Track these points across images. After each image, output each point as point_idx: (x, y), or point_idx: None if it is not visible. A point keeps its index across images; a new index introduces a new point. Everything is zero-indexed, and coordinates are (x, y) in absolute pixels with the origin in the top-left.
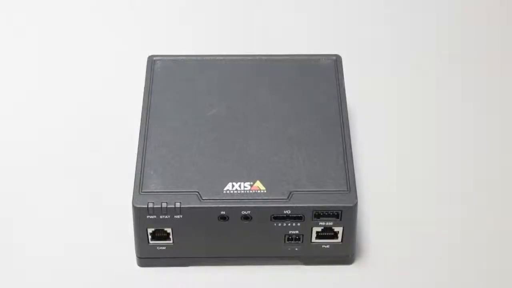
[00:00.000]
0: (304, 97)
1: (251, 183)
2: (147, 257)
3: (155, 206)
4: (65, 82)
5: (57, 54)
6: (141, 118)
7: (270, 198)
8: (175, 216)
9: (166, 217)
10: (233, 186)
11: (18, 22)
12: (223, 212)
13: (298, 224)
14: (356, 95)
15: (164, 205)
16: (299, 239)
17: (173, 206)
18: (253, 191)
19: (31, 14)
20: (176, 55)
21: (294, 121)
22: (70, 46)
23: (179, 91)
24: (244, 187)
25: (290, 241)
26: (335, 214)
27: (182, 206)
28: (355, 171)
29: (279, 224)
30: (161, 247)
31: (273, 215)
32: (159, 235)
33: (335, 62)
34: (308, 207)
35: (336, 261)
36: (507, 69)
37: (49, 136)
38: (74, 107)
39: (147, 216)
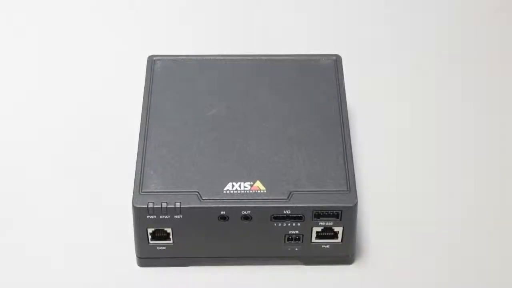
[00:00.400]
0: (304, 97)
1: (251, 183)
2: (147, 257)
3: (155, 206)
4: (65, 82)
5: (57, 54)
6: (141, 118)
7: (270, 198)
8: (175, 216)
9: (166, 217)
10: (233, 186)
11: (18, 22)
12: (223, 212)
13: (298, 224)
14: (356, 95)
15: (164, 205)
16: (299, 239)
17: (173, 206)
18: (253, 191)
19: (31, 14)
20: (176, 55)
21: (294, 121)
22: (70, 46)
23: (179, 91)
24: (244, 187)
25: (290, 241)
26: (335, 214)
27: (182, 206)
28: (355, 171)
29: (279, 224)
30: (161, 247)
31: (273, 215)
32: (159, 235)
33: (335, 62)
34: (308, 207)
35: (336, 261)
36: (507, 69)
37: (49, 136)
38: (74, 107)
39: (147, 216)
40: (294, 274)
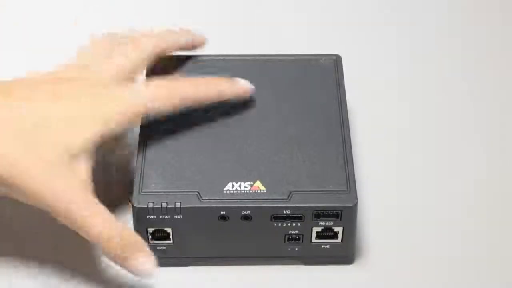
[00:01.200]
0: (304, 97)
1: (251, 183)
2: None
3: (155, 206)
4: None
5: (57, 54)
6: (141, 118)
7: (270, 198)
8: (175, 216)
9: (166, 217)
10: (233, 186)
11: (17, 20)
12: (223, 212)
13: (298, 224)
14: (356, 95)
15: (164, 205)
16: (299, 239)
17: (173, 206)
18: (253, 191)
19: (31, 14)
20: (176, 55)
21: (294, 121)
22: (70, 46)
23: None
24: (244, 187)
25: (290, 241)
26: (335, 214)
27: (182, 206)
28: (355, 171)
29: (279, 224)
30: (161, 247)
31: (273, 215)
32: (159, 235)
33: (335, 62)
34: (308, 207)
35: (336, 261)
36: (507, 69)
37: None
38: None
39: (147, 216)
40: (294, 274)
